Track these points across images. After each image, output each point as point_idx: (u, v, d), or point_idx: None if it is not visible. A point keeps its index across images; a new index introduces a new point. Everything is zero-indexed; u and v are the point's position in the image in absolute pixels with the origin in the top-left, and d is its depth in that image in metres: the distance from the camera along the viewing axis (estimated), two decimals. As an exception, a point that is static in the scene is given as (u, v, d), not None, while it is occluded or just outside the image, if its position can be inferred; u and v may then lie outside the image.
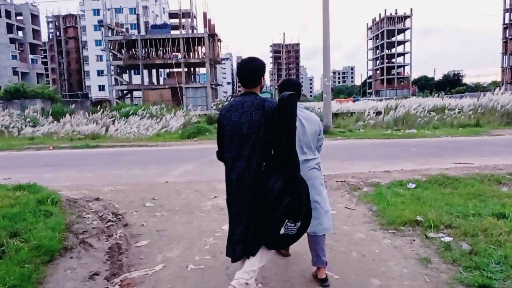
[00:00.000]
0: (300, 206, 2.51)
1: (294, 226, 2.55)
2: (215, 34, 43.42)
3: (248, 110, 2.59)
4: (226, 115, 2.69)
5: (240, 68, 2.70)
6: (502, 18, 67.34)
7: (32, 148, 14.11)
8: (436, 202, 4.83)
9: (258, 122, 2.54)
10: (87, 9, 71.04)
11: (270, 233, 2.53)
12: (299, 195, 2.50)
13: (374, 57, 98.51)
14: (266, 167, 2.55)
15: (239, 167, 2.60)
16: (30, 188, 5.84)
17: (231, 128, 2.64)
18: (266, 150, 2.55)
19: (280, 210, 2.45)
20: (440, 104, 21.54)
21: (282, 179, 2.47)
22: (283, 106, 2.47)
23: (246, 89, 2.70)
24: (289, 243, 2.81)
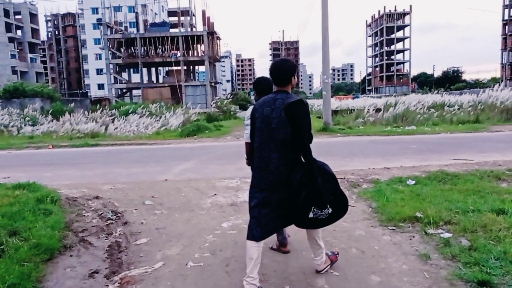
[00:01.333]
0: (320, 196, 2.75)
1: (321, 212, 2.81)
2: (214, 32, 43.33)
3: (279, 107, 2.81)
4: (258, 109, 2.94)
5: (273, 68, 2.92)
6: (502, 14, 67.27)
7: (32, 147, 14.10)
8: (435, 198, 4.83)
9: (285, 119, 2.77)
10: (85, 7, 70.84)
11: (298, 217, 2.85)
12: (317, 186, 2.73)
13: (373, 54, 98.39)
14: (291, 159, 2.83)
15: (266, 157, 2.86)
16: (29, 187, 5.84)
17: (261, 121, 2.89)
18: (291, 144, 2.79)
19: (300, 200, 2.75)
20: (440, 100, 21.56)
21: (302, 172, 2.75)
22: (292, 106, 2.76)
23: (278, 88, 2.92)
24: (321, 225, 2.96)
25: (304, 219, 2.84)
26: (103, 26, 42.33)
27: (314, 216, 2.81)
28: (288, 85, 2.92)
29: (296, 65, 2.91)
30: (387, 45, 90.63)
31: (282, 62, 2.95)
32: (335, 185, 2.88)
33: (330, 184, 2.84)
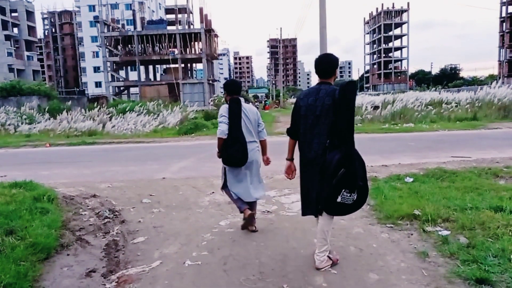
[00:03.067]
0: (355, 178, 2.95)
1: (350, 196, 2.98)
2: (212, 29, 43.18)
3: (322, 96, 3.10)
4: (303, 98, 3.23)
5: (318, 62, 3.22)
6: (499, 11, 67.23)
7: (29, 145, 14.04)
8: (433, 196, 4.83)
9: (328, 106, 3.04)
10: (82, 5, 70.48)
11: (328, 199, 3.02)
12: (354, 167, 2.94)
13: (371, 52, 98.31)
14: (330, 143, 3.04)
15: (312, 142, 3.14)
16: (26, 186, 5.82)
17: (306, 109, 3.17)
18: (332, 129, 3.03)
19: (337, 179, 2.92)
20: (437, 98, 21.58)
21: (341, 153, 2.95)
22: (344, 90, 2.97)
23: (322, 80, 3.22)
24: (345, 212, 3.15)
25: (332, 202, 3.01)
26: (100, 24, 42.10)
27: (341, 200, 2.98)
28: (331, 77, 3.22)
29: (338, 59, 3.19)
30: (385, 42, 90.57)
31: (326, 56, 3.26)
32: (365, 174, 3.07)
33: (361, 170, 3.02)
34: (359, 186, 2.99)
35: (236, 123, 3.94)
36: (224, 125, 3.92)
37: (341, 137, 2.98)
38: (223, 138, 3.95)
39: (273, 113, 35.08)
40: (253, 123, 4.07)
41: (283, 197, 5.64)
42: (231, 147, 3.95)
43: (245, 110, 4.02)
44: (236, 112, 3.95)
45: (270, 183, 6.56)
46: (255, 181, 4.18)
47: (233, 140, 3.93)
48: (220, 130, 3.94)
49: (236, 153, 3.95)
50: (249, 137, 4.02)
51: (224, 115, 3.94)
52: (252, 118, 4.05)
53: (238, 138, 3.94)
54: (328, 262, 3.29)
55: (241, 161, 3.99)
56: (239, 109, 3.96)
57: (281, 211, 5.02)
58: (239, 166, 4.04)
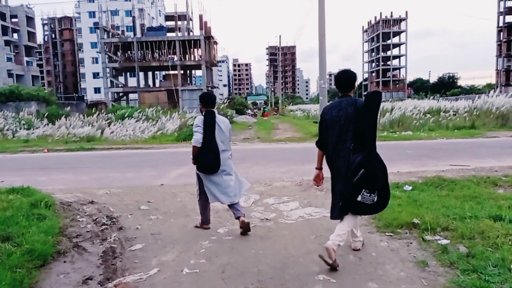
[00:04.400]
0: (374, 179, 3.22)
1: (369, 196, 3.25)
2: (211, 36, 43.35)
3: (345, 107, 3.43)
4: (327, 112, 3.58)
5: (338, 77, 3.56)
6: (497, 21, 67.82)
7: (27, 151, 13.99)
8: (432, 204, 4.81)
9: (352, 115, 3.36)
10: (82, 11, 70.75)
11: (349, 197, 3.29)
12: (374, 169, 3.23)
13: (369, 60, 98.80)
14: (354, 147, 3.33)
15: (339, 148, 3.44)
16: (23, 191, 5.78)
17: (332, 121, 3.49)
18: (355, 134, 3.33)
19: (357, 179, 3.20)
20: (436, 106, 21.62)
21: (363, 155, 3.24)
22: (369, 98, 3.27)
23: (342, 93, 3.54)
24: (366, 212, 3.45)
25: (353, 201, 3.28)
26: (100, 30, 42.23)
27: (361, 199, 3.25)
28: (351, 90, 3.55)
29: (356, 74, 3.52)
30: (383, 50, 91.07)
31: (345, 72, 3.59)
32: (385, 177, 3.32)
33: (381, 173, 3.29)
34: (379, 187, 3.25)
35: (210, 133, 4.28)
36: (199, 135, 4.27)
37: (364, 141, 3.28)
38: (197, 147, 4.28)
39: (272, 120, 35.16)
40: (226, 133, 4.43)
41: (282, 205, 5.62)
42: (205, 155, 4.28)
43: (219, 121, 4.37)
44: (210, 123, 4.29)
45: (268, 190, 6.55)
46: (232, 185, 4.44)
47: (207, 149, 4.27)
48: (194, 139, 4.30)
49: (209, 161, 4.29)
50: (222, 146, 4.37)
51: (199, 126, 4.29)
52: (225, 128, 4.41)
53: (211, 146, 4.28)
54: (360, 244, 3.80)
55: (214, 168, 4.32)
56: (213, 120, 4.31)
57: (280, 218, 4.99)
58: (212, 173, 4.36)
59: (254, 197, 6.06)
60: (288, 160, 10.12)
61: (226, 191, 4.40)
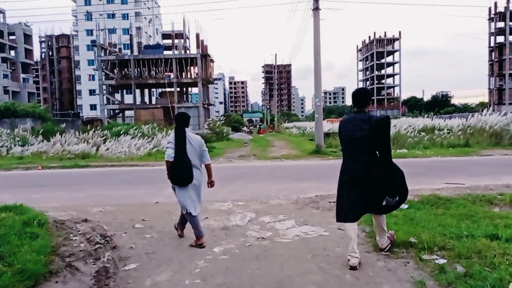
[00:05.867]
0: (394, 187, 3.76)
1: (392, 200, 3.80)
2: (208, 54, 43.81)
3: (359, 123, 3.80)
4: (343, 125, 3.98)
5: (355, 94, 3.95)
6: (488, 41, 69.25)
7: (21, 168, 13.87)
8: (429, 223, 4.80)
9: (366, 131, 3.74)
10: (80, 29, 71.38)
11: (376, 204, 3.85)
12: (393, 180, 3.75)
13: (364, 78, 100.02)
14: (373, 160, 3.78)
15: (354, 160, 3.85)
16: (16, 209, 5.69)
17: (347, 134, 3.89)
18: (372, 148, 3.77)
19: (381, 190, 3.74)
20: (430, 124, 21.80)
21: (383, 170, 3.74)
22: (381, 123, 3.73)
23: (358, 109, 3.94)
24: (390, 210, 4.05)
25: (379, 206, 3.84)
26: (97, 48, 42.56)
27: (386, 203, 3.80)
28: (366, 106, 3.93)
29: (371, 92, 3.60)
30: (377, 69, 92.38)
31: (362, 90, 4.05)
32: (403, 180, 3.85)
33: (399, 179, 3.81)
34: (399, 190, 3.80)
35: (181, 147, 4.54)
36: (171, 150, 4.54)
37: (381, 157, 3.78)
38: (170, 161, 4.53)
39: (268, 137, 35.22)
40: (197, 150, 4.68)
41: (278, 223, 5.57)
42: (178, 168, 4.51)
43: (190, 138, 4.65)
44: (181, 138, 4.57)
45: (264, 208, 6.51)
46: (197, 199, 4.75)
47: (179, 162, 4.51)
48: (166, 154, 4.57)
49: (182, 173, 4.52)
50: (193, 161, 4.61)
51: (171, 142, 4.60)
52: (196, 145, 4.67)
53: (183, 160, 4.52)
54: (388, 242, 4.17)
55: (187, 180, 4.56)
56: (183, 136, 4.60)
57: (276, 237, 4.95)
58: (185, 185, 4.59)
59: (250, 215, 6.01)
60: (284, 178, 10.10)
61: (197, 201, 4.71)
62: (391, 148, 3.92)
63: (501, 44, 66.61)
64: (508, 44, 65.14)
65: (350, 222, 3.84)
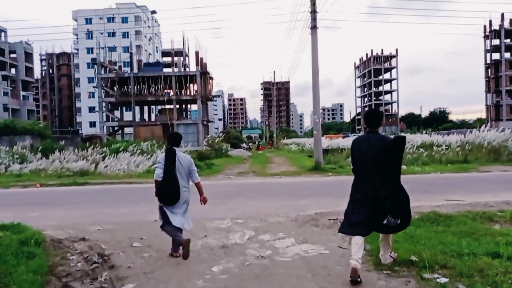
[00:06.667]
0: (398, 207, 3.84)
1: (394, 220, 3.85)
2: (207, 72, 44.21)
3: (372, 142, 3.98)
4: (356, 144, 4.17)
5: (368, 115, 4.18)
6: (484, 58, 70.08)
7: (19, 186, 13.80)
8: (429, 240, 4.76)
9: (379, 151, 3.90)
10: (81, 47, 72.20)
11: (376, 220, 3.90)
12: (398, 199, 3.86)
13: (362, 95, 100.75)
14: (382, 178, 3.90)
15: (365, 179, 4.00)
16: (13, 228, 5.66)
17: (360, 153, 4.06)
18: (383, 168, 3.90)
19: (383, 206, 3.83)
20: (428, 140, 21.85)
21: (390, 188, 3.87)
22: (396, 143, 3.92)
23: (371, 129, 4.12)
24: (391, 231, 4.07)
25: (379, 224, 3.90)
26: (97, 65, 42.95)
27: (387, 222, 3.86)
28: (378, 127, 4.13)
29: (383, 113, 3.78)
30: (375, 86, 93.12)
31: (374, 111, 4.25)
32: (407, 205, 3.95)
33: (404, 202, 3.91)
34: (402, 213, 3.86)
35: (170, 168, 4.75)
36: (160, 170, 4.78)
37: (390, 174, 3.88)
38: (158, 180, 4.77)
39: (267, 154, 35.21)
40: (186, 169, 4.89)
41: (278, 241, 5.53)
42: (165, 187, 4.73)
43: (180, 158, 4.84)
44: (171, 159, 4.77)
45: (264, 226, 6.46)
46: (185, 216, 4.93)
47: (167, 182, 4.72)
48: (156, 173, 4.83)
49: (169, 192, 4.73)
50: (182, 181, 4.82)
51: (161, 162, 4.82)
52: (185, 165, 4.88)
53: (171, 180, 4.72)
54: (390, 259, 4.17)
55: (174, 200, 4.76)
56: (173, 156, 4.78)
57: (276, 256, 4.90)
58: (172, 204, 4.79)
59: (249, 234, 5.96)
60: (283, 195, 10.06)
61: (181, 219, 4.88)
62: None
63: (497, 61, 67.43)
64: (504, 61, 65.96)
65: (359, 235, 3.95)
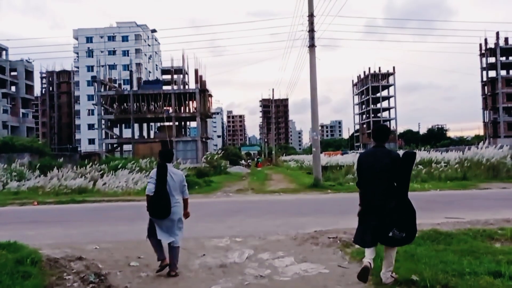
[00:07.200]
0: (404, 220, 3.94)
1: (399, 233, 3.93)
2: (206, 89, 44.55)
3: (380, 157, 4.10)
4: (364, 158, 4.34)
5: (376, 130, 4.36)
6: (480, 76, 70.89)
7: (16, 204, 13.70)
8: (430, 259, 4.71)
9: (386, 165, 4.02)
10: (81, 65, 72.85)
11: (382, 232, 3.98)
12: (404, 212, 3.96)
13: (360, 112, 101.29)
14: (389, 192, 4.02)
15: (373, 191, 4.11)
16: (9, 247, 5.58)
17: (367, 167, 4.18)
18: (390, 181, 4.02)
19: (389, 219, 3.92)
20: (427, 157, 21.86)
21: (397, 201, 3.97)
22: (406, 158, 4.04)
23: (378, 143, 4.25)
24: (396, 244, 4.12)
25: (385, 236, 3.96)
26: (97, 83, 43.28)
27: (392, 235, 3.92)
28: (385, 142, 4.27)
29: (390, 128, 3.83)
30: (373, 103, 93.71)
31: (382, 126, 4.44)
32: (413, 219, 4.02)
33: (410, 216, 3.99)
34: (407, 227, 3.94)
35: (162, 184, 4.87)
36: (151, 185, 4.91)
37: (397, 189, 3.99)
38: (150, 195, 4.88)
39: (266, 171, 35.17)
40: (178, 184, 5.00)
41: (277, 260, 5.46)
42: (156, 202, 4.82)
43: (171, 173, 4.99)
44: (162, 175, 4.91)
45: (263, 244, 6.40)
46: (175, 230, 5.00)
47: (158, 197, 4.83)
48: (147, 188, 4.96)
49: (160, 207, 4.82)
50: (173, 195, 4.92)
51: (152, 177, 4.96)
52: (176, 180, 5.00)
53: (163, 195, 4.83)
54: (391, 279, 4.13)
55: (164, 214, 4.83)
56: (165, 172, 4.93)
57: (275, 275, 4.84)
58: (162, 218, 4.87)
59: (248, 252, 5.90)
60: (282, 213, 10.00)
61: (170, 233, 4.95)
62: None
63: (493, 79, 68.19)
64: (500, 79, 66.70)
65: (367, 247, 4.11)
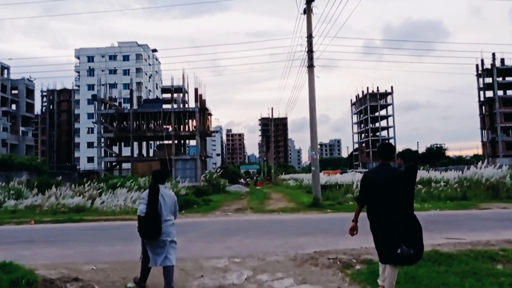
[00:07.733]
0: (411, 235, 3.91)
1: (407, 250, 3.89)
2: (206, 108, 44.82)
3: (385, 174, 4.16)
4: (370, 175, 4.40)
5: (382, 148, 4.41)
6: (478, 96, 71.48)
7: (13, 223, 13.56)
8: (431, 281, 4.66)
9: (392, 182, 4.05)
10: (82, 84, 73.46)
11: (390, 250, 3.96)
12: (411, 226, 3.94)
13: (359, 131, 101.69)
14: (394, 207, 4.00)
15: (379, 208, 4.11)
16: (5, 268, 5.50)
17: (374, 183, 4.22)
18: (396, 197, 4.01)
19: (397, 234, 3.90)
20: (426, 176, 21.82)
21: (403, 215, 3.97)
22: (409, 171, 4.08)
23: (383, 161, 4.31)
24: (405, 263, 4.12)
25: (393, 253, 3.94)
26: (97, 102, 43.54)
27: (400, 252, 3.88)
28: (391, 160, 4.34)
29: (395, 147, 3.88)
30: (371, 122, 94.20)
31: (388, 144, 4.51)
32: (420, 234, 4.02)
33: (417, 231, 3.98)
34: (415, 243, 3.91)
35: (153, 205, 4.87)
36: (143, 206, 4.90)
37: (402, 203, 3.99)
38: (141, 216, 4.86)
39: (265, 190, 35.01)
40: (170, 205, 5.08)
41: (276, 282, 5.39)
42: (147, 223, 4.81)
43: (163, 194, 5.04)
44: (154, 196, 4.91)
45: (262, 265, 6.32)
46: (169, 250, 5.00)
47: (149, 218, 4.82)
48: (139, 209, 4.94)
49: (151, 228, 4.81)
50: (165, 216, 4.96)
51: (144, 198, 4.97)
52: (168, 200, 5.07)
53: (154, 216, 4.83)
54: None
55: (154, 235, 4.84)
56: (157, 193, 4.95)
57: (274, 297, 4.76)
58: (153, 239, 4.87)
59: (246, 273, 5.82)
60: (281, 232, 9.90)
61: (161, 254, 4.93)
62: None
63: (491, 99, 68.76)
64: (497, 99, 67.27)
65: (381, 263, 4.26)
